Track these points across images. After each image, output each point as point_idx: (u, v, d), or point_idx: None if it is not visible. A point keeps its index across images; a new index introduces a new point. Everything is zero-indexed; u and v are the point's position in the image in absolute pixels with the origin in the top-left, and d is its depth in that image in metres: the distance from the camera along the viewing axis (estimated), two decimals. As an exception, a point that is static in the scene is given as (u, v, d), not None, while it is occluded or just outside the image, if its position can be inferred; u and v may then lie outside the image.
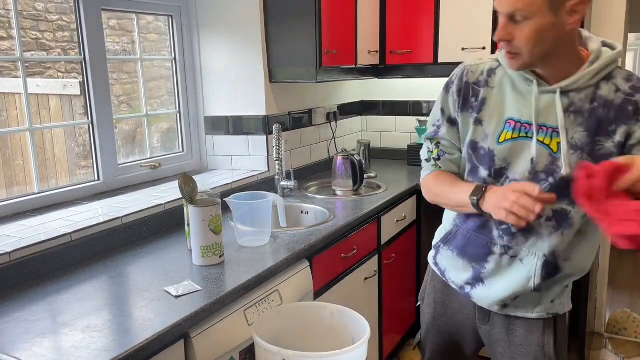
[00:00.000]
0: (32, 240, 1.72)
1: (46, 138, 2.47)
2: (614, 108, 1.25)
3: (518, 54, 1.25)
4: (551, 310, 1.42)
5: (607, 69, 1.28)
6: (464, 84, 1.40)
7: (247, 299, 1.65)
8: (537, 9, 1.18)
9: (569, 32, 1.24)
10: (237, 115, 2.77)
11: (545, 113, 1.28)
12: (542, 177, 1.31)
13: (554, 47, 1.24)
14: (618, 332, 3.22)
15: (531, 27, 1.20)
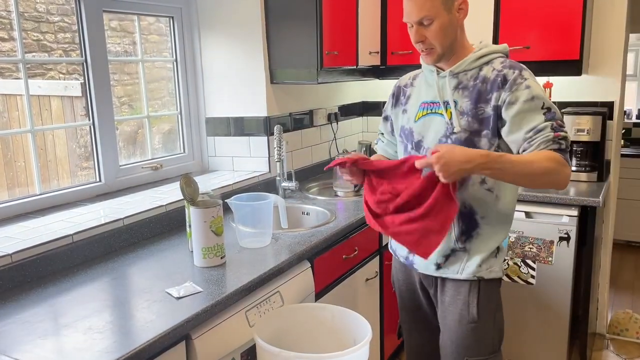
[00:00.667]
0: (34, 241, 1.72)
1: (47, 139, 2.47)
2: (489, 82, 1.59)
3: (432, 49, 1.61)
4: (477, 274, 1.63)
5: (487, 57, 1.62)
6: (397, 88, 1.85)
7: (248, 300, 1.65)
8: (436, 12, 1.56)
9: (460, 27, 1.62)
10: (238, 116, 2.77)
11: (442, 91, 1.65)
12: (444, 141, 1.63)
13: (455, 39, 1.61)
14: (620, 333, 3.21)
15: (436, 26, 1.57)
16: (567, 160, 1.50)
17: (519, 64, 1.60)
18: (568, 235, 2.58)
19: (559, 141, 1.50)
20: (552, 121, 1.51)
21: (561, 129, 1.52)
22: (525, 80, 1.55)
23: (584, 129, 2.83)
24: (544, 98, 1.54)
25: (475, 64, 1.62)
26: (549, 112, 1.53)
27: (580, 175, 2.88)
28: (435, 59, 1.63)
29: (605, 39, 2.95)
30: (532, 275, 2.70)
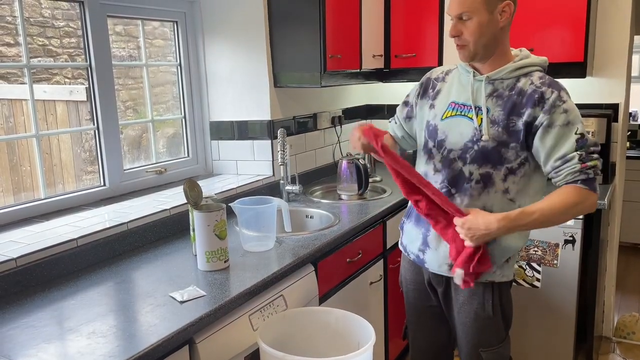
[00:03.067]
0: (38, 246, 1.73)
1: (53, 144, 2.48)
2: (525, 96, 1.58)
3: (465, 45, 1.61)
4: (489, 278, 1.67)
5: (527, 68, 1.62)
6: (426, 79, 1.84)
7: (252, 304, 1.65)
8: (477, 9, 1.56)
9: (502, 30, 1.61)
10: (242, 120, 2.78)
11: (476, 95, 1.65)
12: (469, 146, 1.63)
13: (492, 41, 1.60)
14: (626, 336, 3.19)
15: (474, 23, 1.57)
16: (593, 189, 1.54)
17: (558, 83, 1.59)
18: (573, 238, 2.57)
19: (586, 171, 1.53)
20: (582, 149, 1.53)
21: (591, 157, 1.54)
22: (563, 104, 1.55)
23: (589, 131, 2.81)
24: (578, 123, 1.55)
25: (513, 74, 1.61)
26: (581, 139, 1.53)
27: (586, 177, 2.87)
28: (467, 55, 1.63)
29: (610, 41, 2.94)
30: (537, 278, 2.68)
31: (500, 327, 1.74)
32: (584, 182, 1.53)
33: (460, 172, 1.65)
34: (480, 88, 1.63)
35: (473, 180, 1.63)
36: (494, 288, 1.69)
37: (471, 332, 1.74)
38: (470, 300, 1.71)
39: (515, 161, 1.60)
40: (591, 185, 1.54)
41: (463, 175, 1.65)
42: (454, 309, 1.77)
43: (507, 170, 1.61)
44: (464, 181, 1.64)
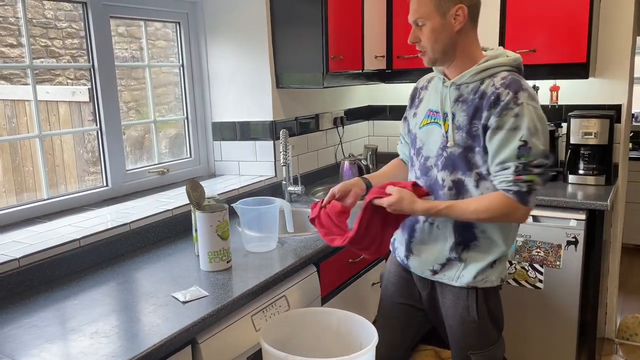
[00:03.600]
0: (41, 246, 1.73)
1: (55, 144, 2.49)
2: (485, 98, 1.54)
3: (425, 52, 1.62)
4: (472, 284, 1.65)
5: (492, 69, 1.58)
6: (414, 89, 1.84)
7: (254, 304, 1.65)
8: (429, 15, 1.57)
9: (460, 33, 1.58)
10: (244, 120, 2.78)
11: (444, 101, 1.64)
12: (439, 153, 1.64)
13: (449, 45, 1.59)
14: (629, 338, 3.19)
15: (428, 28, 1.58)
16: (524, 202, 1.51)
17: (518, 84, 1.53)
18: (576, 239, 2.57)
19: (519, 184, 1.50)
20: (521, 159, 1.49)
21: (529, 170, 1.49)
22: (516, 107, 1.50)
23: (591, 132, 2.82)
24: (525, 129, 1.49)
25: (477, 77, 1.58)
26: (524, 147, 1.49)
27: (588, 178, 2.87)
28: (427, 61, 1.64)
29: (613, 42, 2.94)
30: (539, 279, 2.68)
31: (489, 330, 1.71)
32: (515, 193, 1.50)
33: (436, 179, 1.65)
34: (447, 94, 1.63)
35: (446, 187, 1.63)
36: (477, 293, 1.66)
37: (458, 335, 1.73)
38: (455, 304, 1.70)
39: (483, 166, 1.57)
40: (522, 198, 1.50)
41: (437, 182, 1.65)
42: (440, 312, 1.76)
43: (478, 176, 1.59)
44: (439, 188, 1.64)
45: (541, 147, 1.50)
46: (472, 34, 1.62)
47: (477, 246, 1.64)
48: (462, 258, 1.65)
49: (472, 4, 1.58)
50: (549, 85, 3.07)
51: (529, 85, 1.56)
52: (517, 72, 1.61)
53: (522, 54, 2.79)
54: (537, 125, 1.51)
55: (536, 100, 1.54)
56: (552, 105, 3.11)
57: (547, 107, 3.14)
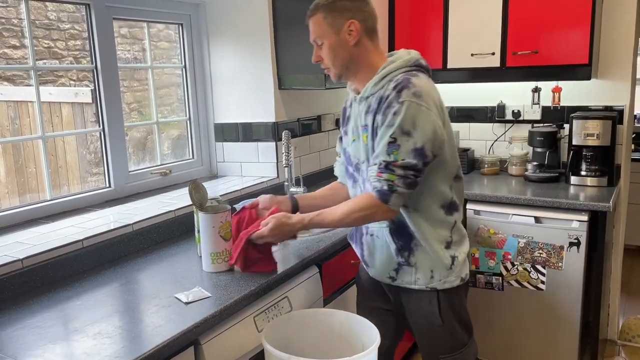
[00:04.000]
0: (44, 247, 1.73)
1: (58, 145, 2.49)
2: (380, 102, 1.56)
3: (329, 69, 1.66)
4: (430, 285, 1.67)
5: (389, 76, 1.58)
6: (342, 109, 1.83)
7: (256, 305, 1.65)
8: (324, 34, 1.61)
9: (358, 47, 1.61)
10: (246, 122, 2.78)
11: (360, 116, 1.65)
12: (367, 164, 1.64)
13: (349, 60, 1.62)
14: (631, 339, 3.18)
15: (326, 47, 1.62)
16: (385, 200, 1.52)
17: (406, 82, 1.52)
18: (578, 240, 2.56)
19: (380, 181, 1.51)
20: (387, 156, 1.50)
21: (391, 169, 1.50)
22: (396, 105, 1.50)
23: (593, 134, 2.81)
24: (400, 127, 1.49)
25: (378, 87, 1.59)
26: (392, 144, 1.50)
27: (590, 180, 2.87)
28: (333, 77, 1.68)
29: (615, 43, 2.94)
30: (542, 280, 2.68)
31: (456, 333, 1.71)
32: (377, 190, 1.52)
33: None
34: (360, 108, 1.65)
35: None
36: (439, 296, 1.67)
37: (426, 339, 1.75)
38: (418, 307, 1.71)
39: None
40: (383, 196, 1.52)
41: None
42: (408, 317, 1.77)
43: None
44: None
45: (411, 146, 1.49)
46: (372, 45, 1.64)
47: (420, 247, 1.65)
48: (410, 262, 1.66)
49: (364, 17, 1.60)
50: (551, 87, 3.07)
51: (423, 83, 1.54)
52: (416, 71, 1.60)
53: (525, 56, 2.84)
54: (415, 123, 1.49)
55: (424, 97, 1.51)
56: (554, 107, 3.11)
57: (549, 108, 3.14)
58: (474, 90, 3.37)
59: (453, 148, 1.65)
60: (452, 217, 1.67)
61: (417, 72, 1.60)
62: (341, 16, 1.58)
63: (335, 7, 1.59)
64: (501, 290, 2.79)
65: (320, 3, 1.61)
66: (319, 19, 1.61)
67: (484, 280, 2.82)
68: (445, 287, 1.67)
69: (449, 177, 1.64)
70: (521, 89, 3.20)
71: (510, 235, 2.72)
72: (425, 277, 1.66)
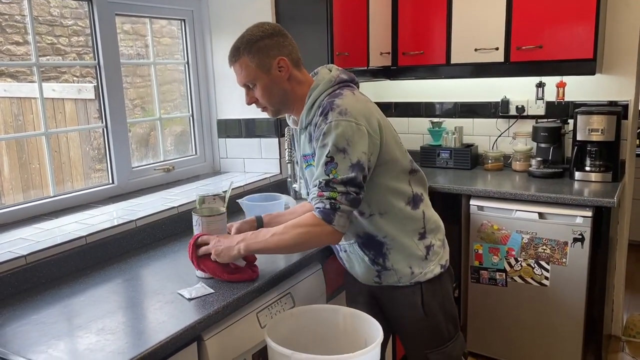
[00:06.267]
0: (48, 243, 1.74)
1: (61, 142, 2.50)
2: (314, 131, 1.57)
3: (266, 107, 1.66)
4: (413, 280, 1.69)
5: (317, 103, 1.60)
6: (291, 135, 1.86)
7: (259, 301, 1.65)
8: (255, 76, 1.60)
9: (290, 80, 1.62)
10: (249, 118, 2.78)
11: (305, 145, 1.67)
12: None
13: (285, 94, 1.63)
14: (636, 336, 3.17)
15: (260, 89, 1.61)
16: (328, 220, 1.49)
17: (331, 104, 1.53)
18: (582, 236, 2.55)
19: (323, 200, 1.49)
20: (329, 175, 1.49)
21: (332, 187, 1.48)
22: (325, 126, 1.51)
23: (598, 129, 2.80)
24: (333, 145, 1.49)
25: (310, 116, 1.61)
26: (330, 163, 1.49)
27: (595, 175, 2.85)
28: (272, 114, 1.68)
29: (620, 38, 2.92)
30: (545, 276, 2.67)
31: (441, 326, 1.72)
32: (319, 211, 1.50)
33: None
34: (303, 139, 1.67)
35: None
36: (422, 288, 1.69)
37: (411, 335, 1.76)
38: (403, 303, 1.72)
39: None
40: (326, 216, 1.49)
41: None
42: (392, 313, 1.78)
43: None
44: None
45: (347, 162, 1.49)
46: (300, 76, 1.65)
47: (392, 249, 1.67)
48: (387, 267, 1.68)
49: (289, 52, 1.62)
50: (556, 82, 3.06)
51: (347, 100, 1.55)
52: (339, 89, 1.61)
53: (529, 50, 2.82)
54: (348, 139, 1.49)
55: (349, 113, 1.51)
56: (558, 102, 3.10)
57: (554, 103, 3.12)
58: (477, 85, 3.35)
59: (400, 145, 1.67)
60: (419, 209, 1.69)
61: (340, 89, 1.61)
62: (268, 56, 1.58)
63: (259, 48, 1.58)
64: (505, 286, 2.79)
65: (241, 47, 1.60)
66: (245, 62, 1.59)
67: (488, 276, 2.81)
68: (428, 278, 1.69)
69: (405, 174, 1.67)
70: (525, 84, 3.18)
71: (514, 231, 2.71)
72: (406, 275, 1.69)
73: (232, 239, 1.60)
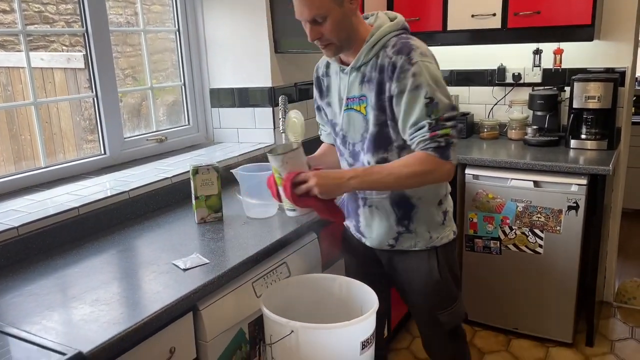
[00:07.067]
0: (40, 214, 1.72)
1: (52, 112, 2.45)
2: (385, 71, 1.54)
3: (331, 44, 1.57)
4: (430, 244, 1.70)
5: (380, 42, 1.56)
6: (315, 79, 1.80)
7: (255, 271, 1.65)
8: (328, 9, 1.51)
9: (355, 17, 1.57)
10: (242, 86, 2.73)
11: (352, 87, 1.63)
12: (363, 137, 1.65)
13: (352, 30, 1.57)
14: (627, 302, 3.21)
15: (330, 22, 1.52)
16: (445, 157, 1.50)
17: (408, 45, 1.52)
18: (577, 204, 2.56)
19: (437, 140, 1.49)
20: (431, 116, 1.49)
21: (443, 124, 1.49)
22: (412, 67, 1.49)
23: (594, 96, 2.78)
24: (429, 85, 1.49)
25: (371, 54, 1.57)
26: (430, 103, 1.49)
27: (590, 143, 2.84)
28: (334, 52, 1.61)
29: (619, 4, 2.87)
30: (539, 244, 2.68)
31: (450, 287, 1.77)
32: (435, 150, 1.50)
33: (363, 164, 1.68)
34: (351, 79, 1.62)
35: None
36: (437, 252, 1.71)
37: (423, 297, 1.77)
38: (417, 267, 1.73)
39: (399, 139, 1.59)
40: (443, 153, 1.50)
41: (365, 165, 1.66)
42: (402, 277, 1.78)
43: (398, 148, 1.61)
44: None
45: (446, 100, 1.51)
46: (359, 13, 1.61)
47: (419, 212, 1.68)
48: (410, 229, 1.69)
49: None
50: (553, 49, 3.02)
51: (421, 43, 1.56)
52: (404, 33, 1.60)
53: (526, 16, 2.77)
54: (437, 79, 1.51)
55: (430, 55, 1.54)
56: (555, 69, 3.06)
57: (551, 70, 3.09)
58: (474, 53, 3.31)
59: None
60: None
61: (406, 34, 1.59)
62: None
63: None
64: (499, 255, 2.80)
65: None
66: None
67: (482, 244, 2.82)
68: (443, 243, 1.72)
69: None
70: (522, 51, 3.14)
71: (508, 199, 2.71)
72: (424, 239, 1.70)
73: (341, 175, 1.57)
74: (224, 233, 1.84)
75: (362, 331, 1.46)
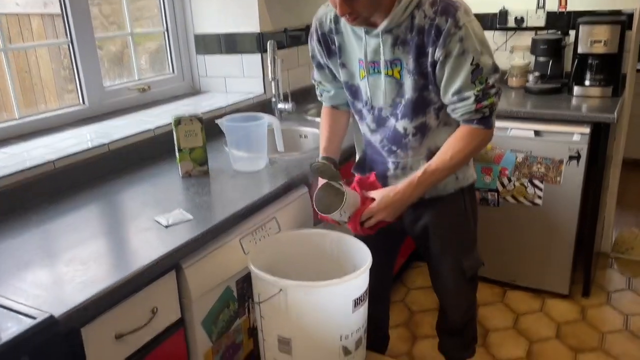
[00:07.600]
0: (14, 168, 1.62)
1: (31, 61, 2.32)
2: (425, 33, 1.44)
3: (359, 16, 1.43)
4: (457, 186, 1.68)
5: (412, 4, 1.43)
6: (320, 35, 1.64)
7: (242, 227, 1.57)
8: None
9: None
10: (229, 32, 2.58)
11: (381, 50, 1.51)
12: (398, 101, 1.56)
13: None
14: (624, 252, 3.19)
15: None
16: (488, 126, 1.51)
17: (451, 5, 1.41)
18: (578, 154, 2.47)
19: (482, 111, 1.47)
20: (477, 85, 1.44)
21: (488, 93, 1.45)
22: (459, 30, 1.40)
23: (600, 40, 2.64)
24: (475, 50, 1.42)
25: (405, 15, 1.45)
26: (476, 70, 1.43)
27: (594, 90, 2.72)
28: (362, 22, 1.47)
29: (629, -61, 2.69)
30: (538, 195, 2.61)
31: (472, 228, 1.77)
32: (479, 121, 1.48)
33: (395, 130, 1.59)
34: (382, 42, 1.50)
35: (409, 134, 1.58)
36: (464, 192, 1.70)
37: (448, 240, 1.74)
38: (447, 211, 1.70)
39: (438, 101, 1.53)
40: (486, 123, 1.50)
41: (398, 132, 1.59)
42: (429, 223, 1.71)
43: (436, 110, 1.55)
44: (401, 137, 1.59)
45: (490, 61, 1.46)
46: None
47: None
48: None
49: None
50: (558, -10, 2.86)
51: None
52: None
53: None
54: (482, 40, 1.45)
55: (471, 13, 1.46)
56: (560, 12, 2.91)
57: (555, 13, 2.94)
58: (474, -5, 3.14)
59: None
60: None
61: None
62: None
63: None
64: (497, 206, 2.73)
65: None
66: None
67: (480, 196, 2.75)
68: (469, 183, 1.71)
69: None
70: (525, -7, 2.98)
71: (507, 150, 2.62)
72: (451, 181, 1.66)
73: (401, 197, 1.55)
74: (209, 187, 1.75)
75: (354, 289, 1.39)
